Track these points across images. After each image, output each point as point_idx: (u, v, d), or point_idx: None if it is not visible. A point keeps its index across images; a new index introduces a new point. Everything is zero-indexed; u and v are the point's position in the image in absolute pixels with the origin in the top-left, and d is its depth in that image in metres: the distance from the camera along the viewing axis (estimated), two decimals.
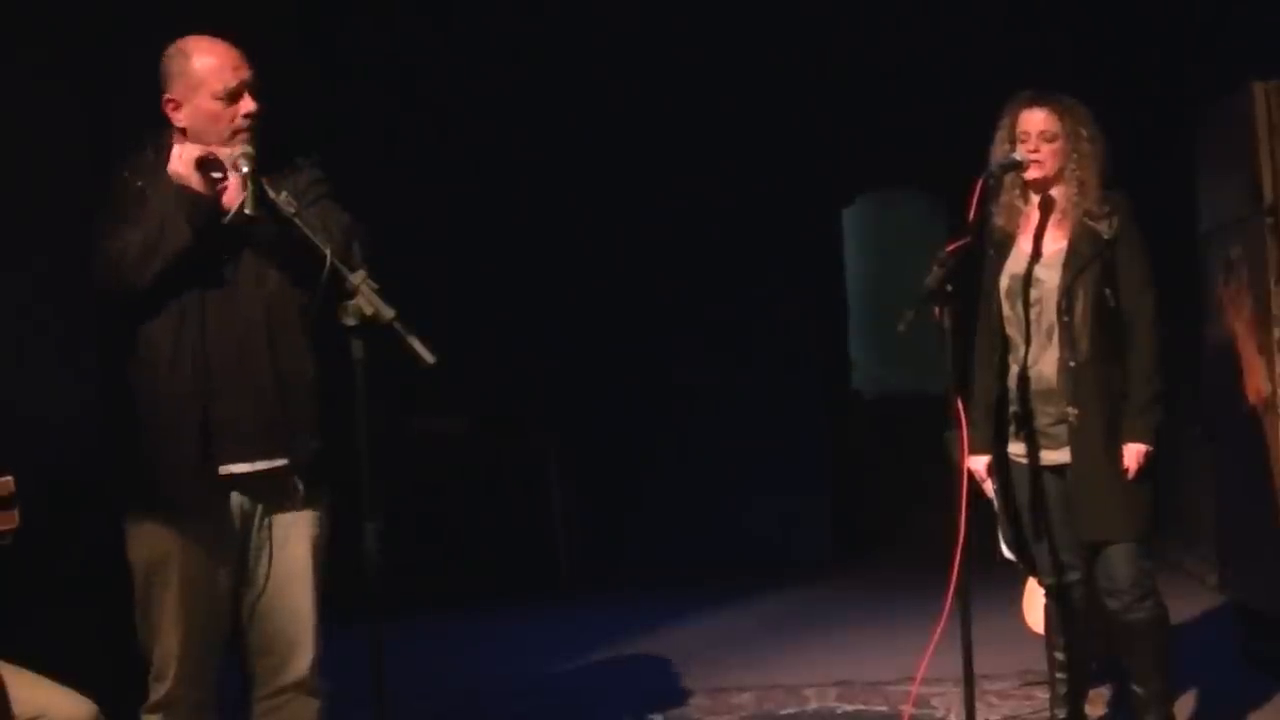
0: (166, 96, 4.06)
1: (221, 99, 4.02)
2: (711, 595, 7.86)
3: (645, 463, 8.84)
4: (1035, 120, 4.78)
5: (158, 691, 4.11)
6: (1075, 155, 4.77)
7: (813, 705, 5.88)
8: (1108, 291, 4.74)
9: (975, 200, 4.67)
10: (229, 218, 3.95)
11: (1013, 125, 4.82)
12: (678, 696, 6.05)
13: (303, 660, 4.12)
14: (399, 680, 5.75)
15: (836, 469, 9.19)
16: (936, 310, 4.71)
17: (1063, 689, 5.04)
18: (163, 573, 4.04)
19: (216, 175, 3.93)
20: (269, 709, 4.15)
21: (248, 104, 4.02)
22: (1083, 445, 4.73)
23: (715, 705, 5.92)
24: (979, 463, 4.85)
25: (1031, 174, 4.79)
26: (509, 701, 6.20)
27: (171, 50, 4.06)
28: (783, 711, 5.83)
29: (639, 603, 7.82)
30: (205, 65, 4.02)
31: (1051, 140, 4.76)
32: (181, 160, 3.95)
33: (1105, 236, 4.74)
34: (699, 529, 8.70)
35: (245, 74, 4.04)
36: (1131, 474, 4.70)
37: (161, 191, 3.96)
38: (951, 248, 4.79)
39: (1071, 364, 4.72)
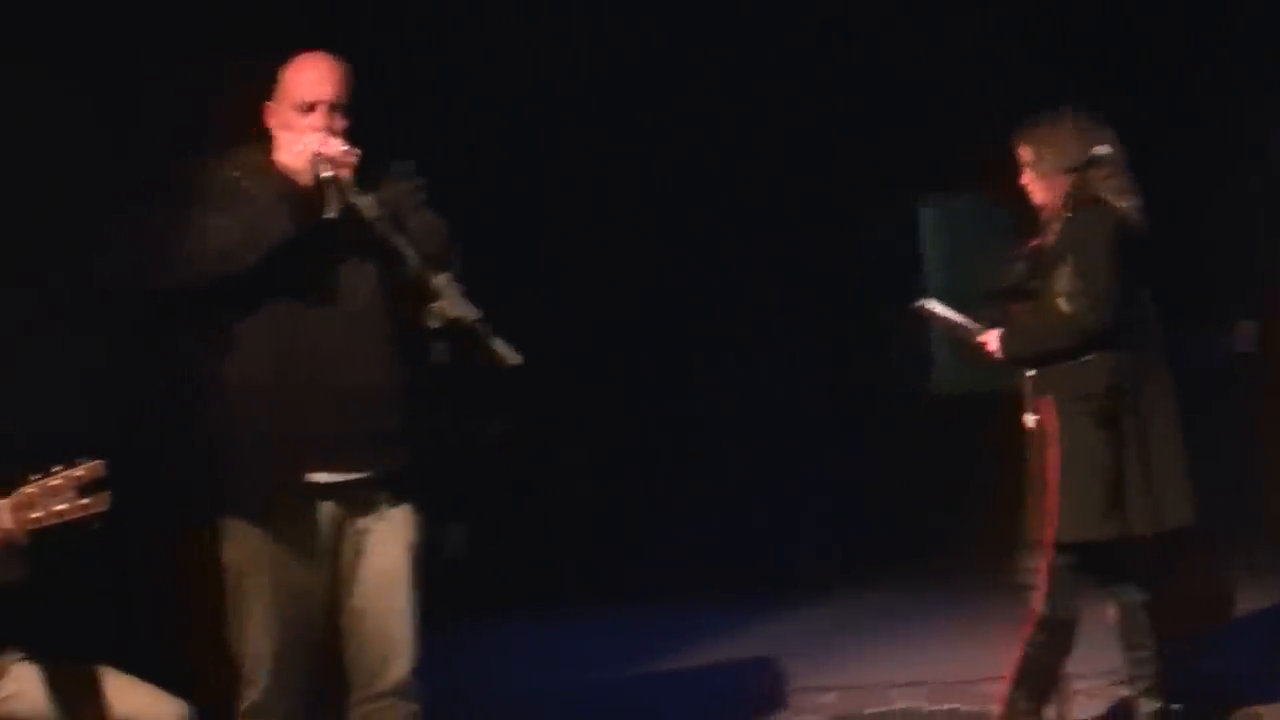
0: (268, 102, 4.17)
1: (297, 111, 4.10)
2: (780, 597, 7.81)
3: (700, 465, 8.79)
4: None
5: (249, 697, 4.13)
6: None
7: (899, 705, 5.85)
8: None
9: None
10: (319, 220, 3.98)
11: None
12: (761, 697, 6.03)
13: (399, 666, 4.13)
14: (470, 684, 5.84)
15: (909, 468, 9.12)
16: (1016, 307, 4.72)
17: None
18: (253, 577, 4.07)
19: (325, 175, 3.97)
20: (365, 715, 4.16)
21: (317, 119, 4.08)
22: None
23: (800, 704, 5.91)
24: None
25: None
26: (587, 707, 6.19)
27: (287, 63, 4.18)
28: (868, 711, 5.81)
29: (709, 607, 7.78)
30: (295, 77, 4.15)
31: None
32: (294, 154, 4.00)
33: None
34: (761, 531, 8.65)
35: (328, 91, 4.11)
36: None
37: (264, 186, 4.01)
38: (1033, 244, 4.78)
39: None
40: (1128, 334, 4.86)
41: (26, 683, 3.80)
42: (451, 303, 3.88)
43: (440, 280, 3.91)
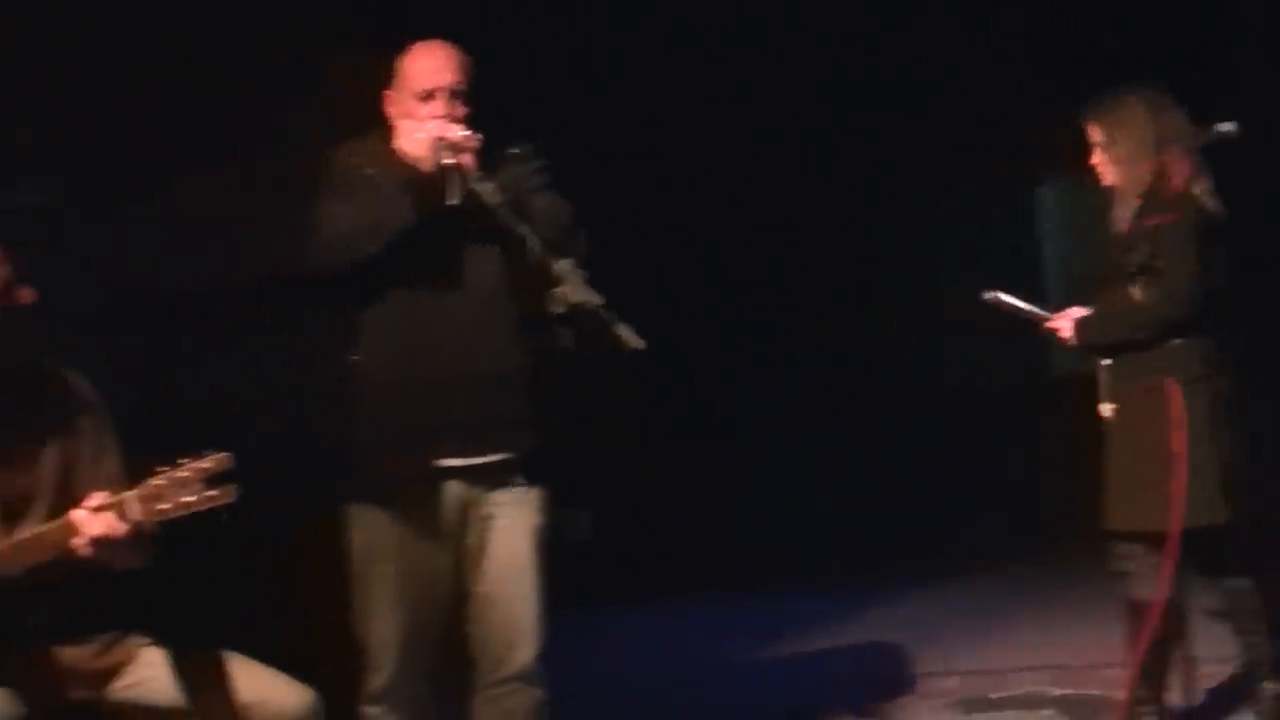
0: (387, 91, 4.18)
1: (419, 98, 4.11)
2: (904, 583, 7.76)
3: (817, 453, 8.74)
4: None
5: (375, 682, 4.15)
6: None
7: (1024, 689, 5.79)
8: None
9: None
10: (442, 207, 3.98)
11: None
12: (885, 682, 5.98)
13: (525, 651, 4.13)
14: (594, 670, 5.84)
15: (1025, 452, 9.02)
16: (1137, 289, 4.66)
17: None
18: (380, 563, 4.09)
19: (447, 162, 3.96)
20: (490, 699, 4.17)
21: (437, 107, 4.08)
22: None
23: (924, 689, 5.87)
24: None
25: None
26: (715, 691, 6.16)
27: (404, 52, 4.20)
28: (993, 695, 5.75)
29: (832, 592, 7.75)
30: (413, 66, 4.16)
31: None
32: (415, 142, 4.00)
33: None
34: (884, 518, 8.58)
35: (446, 78, 4.12)
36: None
37: (387, 174, 4.02)
38: (1153, 223, 4.71)
39: None
40: (1207, 320, 4.78)
41: (155, 668, 3.83)
42: (574, 288, 3.86)
43: (562, 266, 3.89)
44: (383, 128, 4.18)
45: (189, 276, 5.14)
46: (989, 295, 5.09)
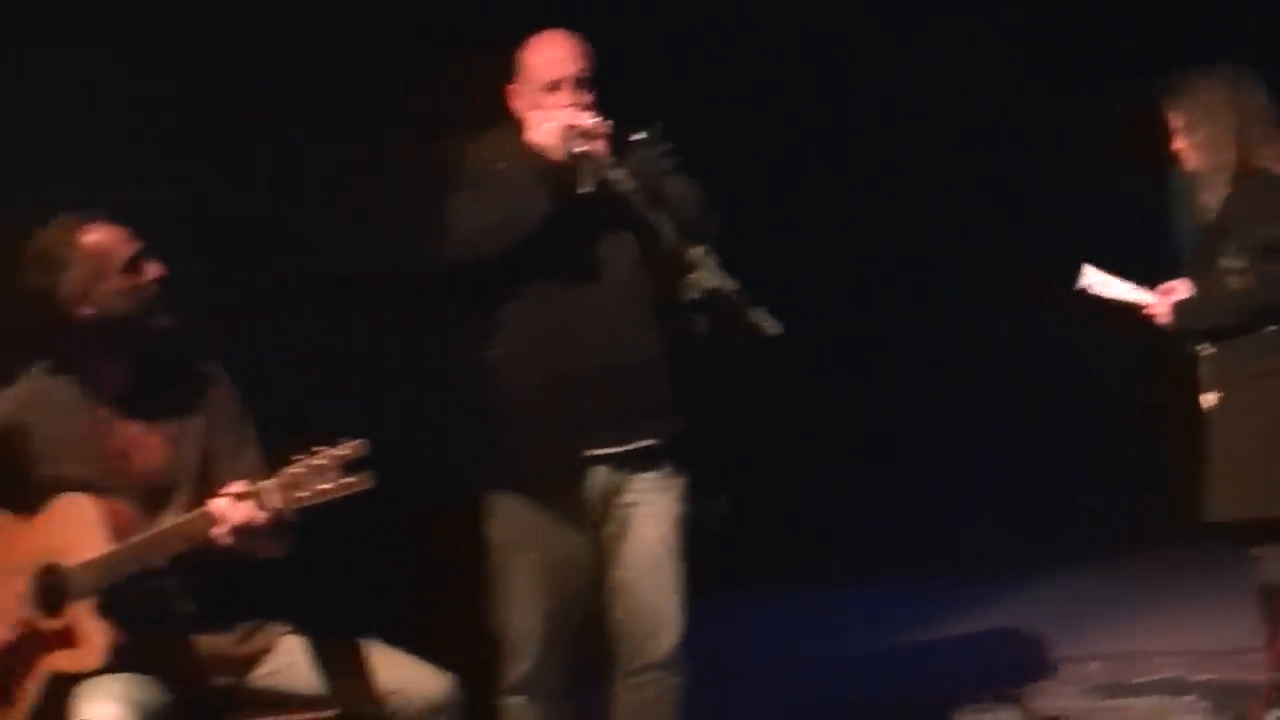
0: (511, 85, 4.18)
1: (546, 89, 4.10)
2: (1043, 567, 7.65)
3: (956, 436, 8.63)
4: None
5: (515, 673, 4.16)
6: None
7: (1165, 674, 5.69)
8: None
9: None
10: (575, 196, 3.97)
11: None
12: (1025, 666, 5.90)
13: (666, 639, 4.11)
14: (732, 657, 5.82)
15: (1173, 432, 8.83)
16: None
17: None
18: (522, 552, 4.10)
19: (579, 150, 3.94)
20: (630, 688, 4.15)
21: (565, 96, 4.07)
22: None
23: (1065, 674, 5.79)
24: None
25: None
26: (852, 678, 6.12)
27: (527, 42, 4.20)
28: (1135, 680, 5.67)
29: (971, 578, 7.67)
30: (535, 57, 4.16)
31: None
32: (545, 132, 3.99)
33: None
34: (1024, 502, 8.47)
35: (570, 68, 4.11)
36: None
37: (517, 167, 4.02)
38: (1243, 206, 4.60)
39: None
40: None
41: (295, 655, 3.85)
42: (708, 274, 3.83)
43: (696, 251, 3.86)
44: (509, 122, 4.18)
45: (328, 269, 5.18)
46: (1085, 280, 4.99)
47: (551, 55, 4.13)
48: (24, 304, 3.81)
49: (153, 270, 3.79)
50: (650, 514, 4.11)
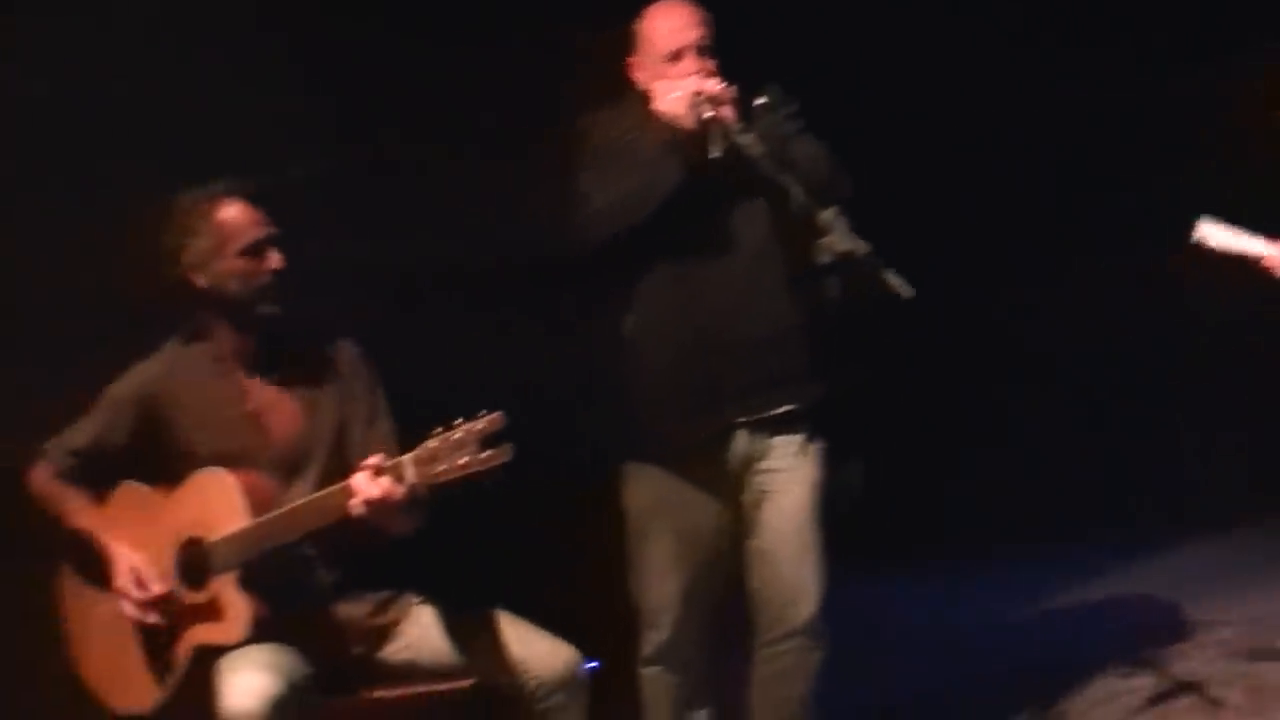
0: (630, 58, 4.16)
1: (665, 60, 4.07)
2: (1178, 532, 7.55)
3: (1089, 401, 8.52)
4: None
5: (652, 642, 4.16)
6: None
7: None
8: None
9: None
10: (706, 163, 3.93)
11: None
12: (1161, 631, 5.81)
13: (805, 607, 4.09)
14: (871, 625, 5.80)
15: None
16: None
17: None
18: (659, 523, 4.09)
19: (707, 116, 3.91)
20: (770, 657, 4.14)
21: (689, 64, 4.04)
22: None
23: (1201, 638, 5.67)
24: None
25: None
26: (988, 647, 6.05)
27: (642, 14, 4.17)
28: (1274, 644, 5.57)
29: (1105, 544, 7.59)
30: (653, 27, 4.13)
31: None
32: (673, 101, 3.96)
33: None
34: (1156, 466, 8.35)
35: (691, 36, 4.07)
36: None
37: (645, 139, 4.00)
38: None
39: None
40: None
41: (426, 627, 3.86)
42: (840, 237, 3.78)
43: (827, 215, 3.82)
44: (631, 95, 4.15)
45: (461, 247, 5.19)
46: (1200, 232, 4.87)
47: (671, 24, 4.10)
48: (158, 263, 3.85)
49: (273, 260, 3.80)
50: (789, 481, 4.08)
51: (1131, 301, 8.41)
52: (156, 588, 3.75)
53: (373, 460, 3.60)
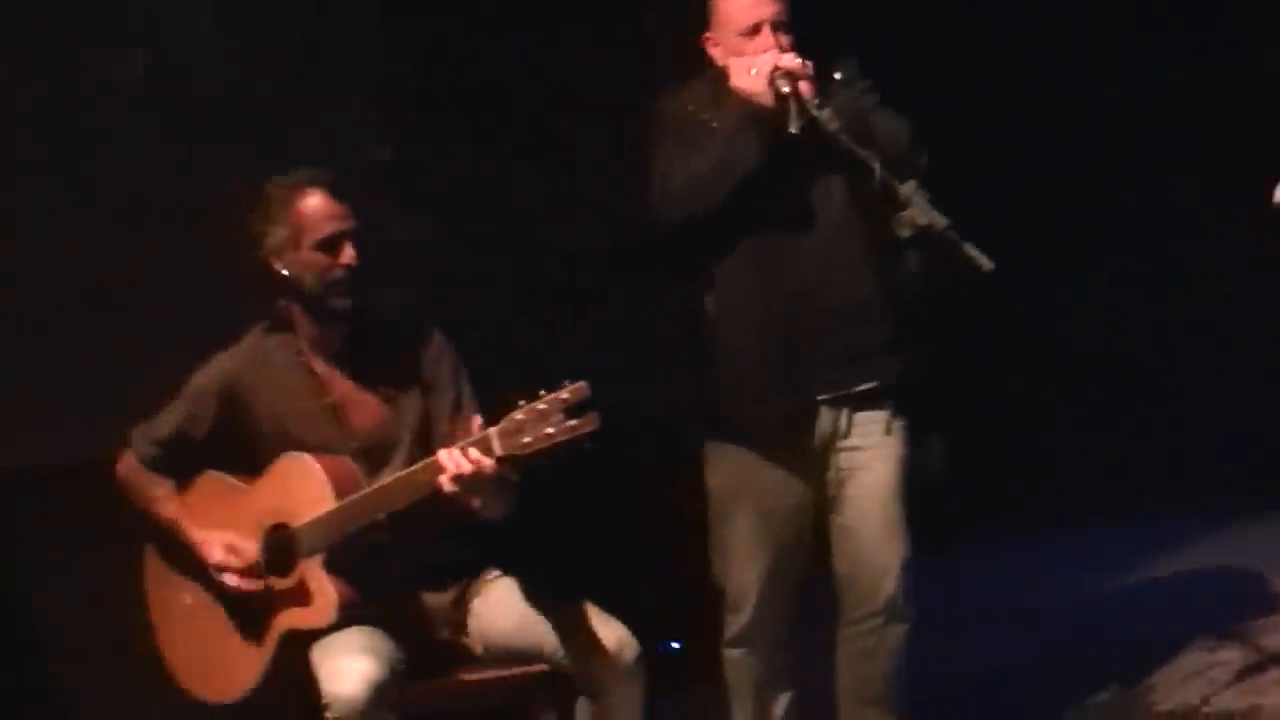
0: (705, 35, 4.11)
1: (742, 35, 4.02)
2: (1259, 504, 7.46)
3: (1168, 375, 8.42)
4: None
5: (735, 624, 4.13)
6: None
7: None
8: None
9: None
10: (786, 138, 3.88)
11: None
12: (1244, 602, 5.74)
13: (891, 585, 4.04)
14: (964, 604, 5.76)
15: None
16: None
17: None
18: (740, 501, 4.06)
19: (785, 91, 3.87)
20: (855, 635, 4.10)
21: (764, 40, 4.00)
22: None
23: None
24: None
25: None
26: (1072, 621, 5.97)
27: None
28: None
29: (1184, 517, 7.52)
30: (730, 3, 4.07)
31: None
32: (751, 77, 3.92)
33: None
34: (1238, 438, 8.26)
35: (767, 10, 4.03)
36: None
37: (721, 116, 3.96)
38: None
39: None
40: None
41: (494, 605, 3.86)
42: (920, 210, 3.72)
43: (907, 188, 3.77)
44: (707, 72, 4.11)
45: (540, 230, 5.19)
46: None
47: (745, 1, 4.05)
48: (244, 245, 3.87)
49: (346, 255, 3.78)
50: (873, 458, 4.04)
51: (1213, 272, 8.32)
52: (252, 552, 3.78)
53: (460, 434, 3.61)
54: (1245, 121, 8.04)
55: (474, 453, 3.53)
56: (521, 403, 3.50)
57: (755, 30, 4.02)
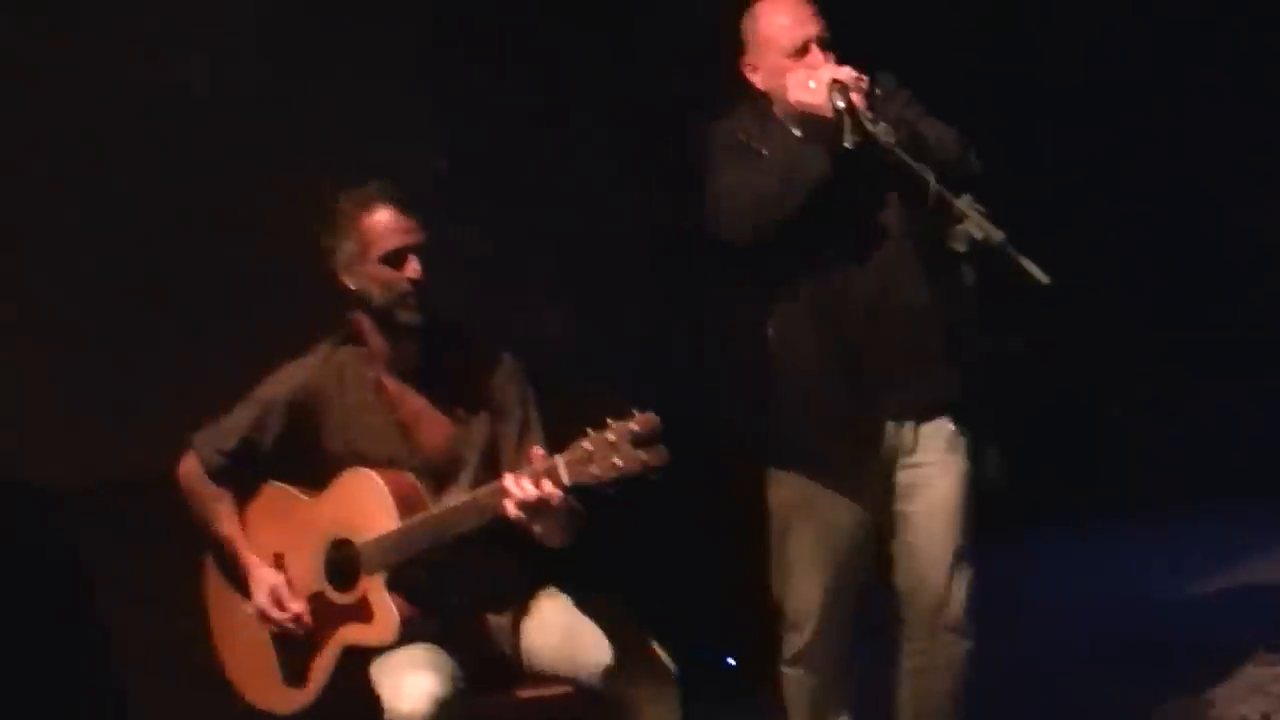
0: (744, 60, 4.09)
1: (790, 56, 4.00)
2: None
3: (1241, 374, 8.35)
4: None
5: (794, 644, 4.11)
6: None
7: None
8: None
9: None
10: (839, 152, 3.87)
11: None
12: None
13: (954, 602, 4.02)
14: (1028, 606, 5.72)
15: None
16: None
17: None
18: (803, 518, 4.04)
19: (840, 105, 3.85)
20: (916, 653, 4.08)
21: (815, 58, 3.98)
22: None
23: None
24: None
25: None
26: (1144, 618, 5.97)
27: (747, 15, 4.10)
28: None
29: (1256, 513, 7.44)
30: (771, 25, 4.05)
31: None
32: (810, 90, 3.91)
33: None
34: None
35: (811, 28, 4.01)
36: None
37: (770, 139, 3.97)
38: None
39: None
40: None
41: (545, 624, 3.86)
42: (975, 224, 3.72)
43: (962, 202, 3.76)
44: (750, 98, 4.09)
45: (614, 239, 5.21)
46: None
47: (791, 19, 4.03)
48: (316, 256, 3.88)
49: (411, 269, 3.78)
50: (936, 475, 4.01)
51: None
52: (295, 607, 3.79)
53: (527, 460, 3.60)
54: None
55: (544, 481, 3.53)
56: (590, 431, 3.48)
57: (804, 50, 3.99)
